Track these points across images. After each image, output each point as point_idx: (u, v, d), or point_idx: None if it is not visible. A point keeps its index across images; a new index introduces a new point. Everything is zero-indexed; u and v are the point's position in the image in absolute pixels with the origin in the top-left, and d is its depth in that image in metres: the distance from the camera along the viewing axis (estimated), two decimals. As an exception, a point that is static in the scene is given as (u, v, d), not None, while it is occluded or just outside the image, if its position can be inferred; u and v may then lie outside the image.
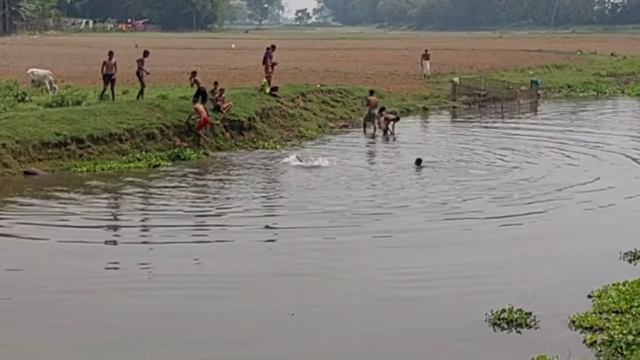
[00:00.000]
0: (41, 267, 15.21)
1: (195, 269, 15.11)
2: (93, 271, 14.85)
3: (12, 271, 14.90)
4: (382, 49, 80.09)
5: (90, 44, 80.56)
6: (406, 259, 15.66)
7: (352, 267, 15.18)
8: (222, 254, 16.24)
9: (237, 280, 14.49)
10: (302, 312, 12.97)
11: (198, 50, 76.94)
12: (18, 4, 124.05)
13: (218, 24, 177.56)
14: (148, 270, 15.03)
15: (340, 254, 15.99)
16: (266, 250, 16.53)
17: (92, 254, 15.94)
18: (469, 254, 16.08)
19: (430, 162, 25.63)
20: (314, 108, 35.19)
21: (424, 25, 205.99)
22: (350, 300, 13.46)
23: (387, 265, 15.23)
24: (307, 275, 14.66)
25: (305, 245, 16.56)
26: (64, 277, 14.46)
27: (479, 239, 17.14)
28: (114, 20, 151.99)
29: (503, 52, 74.95)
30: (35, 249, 16.42)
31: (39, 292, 13.74)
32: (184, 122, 27.84)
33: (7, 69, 49.75)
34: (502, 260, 15.68)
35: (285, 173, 24.40)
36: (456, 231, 17.62)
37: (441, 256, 15.89)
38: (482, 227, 18.00)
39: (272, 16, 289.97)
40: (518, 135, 32.60)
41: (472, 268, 15.03)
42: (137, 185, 22.43)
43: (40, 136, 24.95)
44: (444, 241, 16.91)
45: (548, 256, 15.93)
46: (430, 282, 14.21)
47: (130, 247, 16.82)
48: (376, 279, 14.45)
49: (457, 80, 45.77)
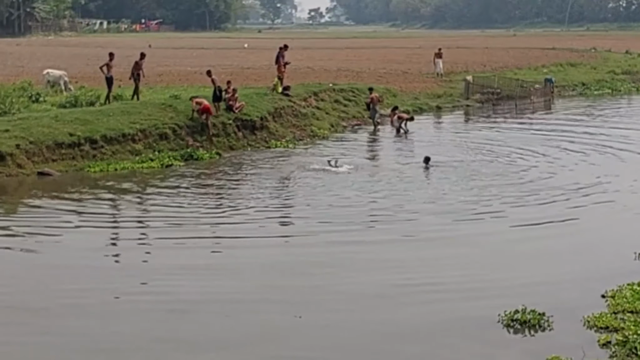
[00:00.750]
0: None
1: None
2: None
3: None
4: (394, 48, 79.98)
5: (104, 44, 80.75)
6: (416, 259, 15.58)
7: (365, 267, 15.12)
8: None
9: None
10: (315, 311, 12.93)
11: (211, 50, 77.05)
12: (33, 5, 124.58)
13: (231, 24, 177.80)
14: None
15: (354, 253, 15.94)
16: (283, 243, 16.70)
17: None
18: (481, 254, 16.00)
19: (442, 161, 25.53)
20: (327, 107, 35.17)
21: (438, 24, 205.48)
22: (363, 299, 13.42)
23: (400, 265, 15.16)
24: (320, 276, 14.62)
25: (319, 247, 16.49)
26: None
27: (492, 240, 17.04)
28: (128, 20, 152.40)
29: (517, 50, 74.68)
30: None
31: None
32: (189, 119, 27.90)
33: (22, 70, 49.97)
34: (515, 260, 15.59)
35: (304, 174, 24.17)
36: (470, 232, 17.49)
37: (453, 257, 15.77)
38: (497, 228, 17.84)
39: (285, 15, 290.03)
40: (533, 134, 32.41)
41: (485, 269, 14.96)
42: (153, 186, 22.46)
43: (54, 137, 25.03)
44: (458, 242, 16.80)
45: (562, 256, 15.85)
46: (441, 283, 14.14)
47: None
48: (388, 279, 14.38)
49: (470, 78, 45.63)
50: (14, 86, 33.44)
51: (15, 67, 52.60)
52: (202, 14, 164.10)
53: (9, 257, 15.96)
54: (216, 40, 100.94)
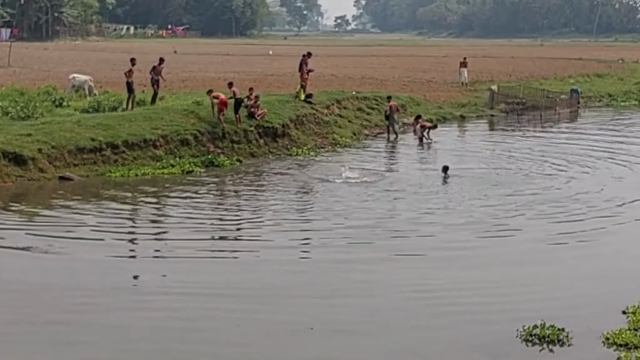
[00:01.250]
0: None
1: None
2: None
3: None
4: (420, 56, 79.82)
5: (130, 49, 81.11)
6: (438, 274, 15.33)
7: (386, 281, 14.87)
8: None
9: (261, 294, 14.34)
10: (329, 325, 12.79)
11: (236, 56, 77.24)
12: (61, 10, 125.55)
13: (257, 30, 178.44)
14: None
15: (376, 268, 15.66)
16: (299, 261, 16.43)
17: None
18: (501, 268, 15.78)
19: (464, 172, 25.32)
20: (349, 115, 35.05)
21: (464, 33, 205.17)
22: (382, 314, 13.24)
23: (420, 280, 14.91)
24: (336, 290, 14.42)
25: (336, 260, 16.22)
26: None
27: (513, 252, 16.77)
28: (155, 26, 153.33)
29: (543, 60, 74.29)
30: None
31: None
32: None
33: (48, 74, 50.31)
34: (535, 274, 15.32)
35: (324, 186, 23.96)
36: (492, 246, 17.21)
37: (473, 271, 15.57)
38: (517, 243, 17.51)
39: (311, 23, 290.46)
40: (558, 145, 32.00)
41: (504, 283, 14.76)
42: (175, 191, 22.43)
43: (76, 141, 25.08)
44: (478, 256, 16.52)
45: (582, 271, 15.61)
46: (460, 297, 13.95)
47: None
48: (408, 294, 14.15)
49: (495, 88, 45.35)
50: (38, 90, 33.65)
51: (41, 72, 52.95)
52: (228, 20, 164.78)
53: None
54: (241, 47, 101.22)
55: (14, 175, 23.08)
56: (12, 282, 14.58)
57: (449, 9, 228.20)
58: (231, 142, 28.09)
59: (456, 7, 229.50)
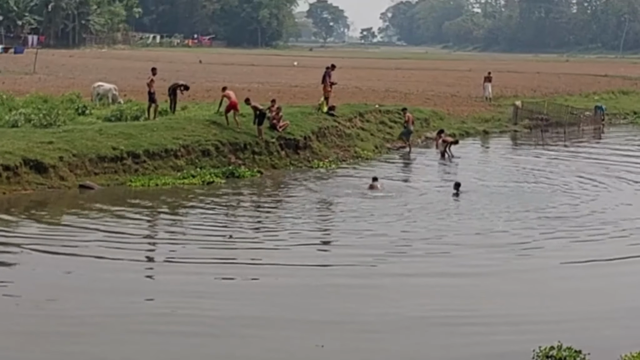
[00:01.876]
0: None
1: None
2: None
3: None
4: (444, 70, 79.61)
5: (156, 58, 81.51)
6: (452, 292, 15.18)
7: (404, 303, 14.62)
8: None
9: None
10: (352, 345, 12.66)
11: (261, 67, 77.38)
12: (88, 17, 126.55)
13: (283, 41, 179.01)
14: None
15: (394, 289, 15.44)
16: (312, 273, 16.28)
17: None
18: (516, 288, 15.56)
19: (486, 188, 25.17)
20: (372, 128, 34.94)
21: (490, 47, 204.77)
22: (400, 333, 13.10)
23: (438, 301, 14.70)
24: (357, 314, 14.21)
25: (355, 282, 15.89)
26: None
27: (531, 275, 16.44)
28: (181, 35, 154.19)
29: (569, 75, 73.85)
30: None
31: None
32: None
33: (73, 81, 50.64)
34: (553, 295, 15.13)
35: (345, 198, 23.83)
36: (511, 267, 16.93)
37: (487, 290, 15.41)
38: (537, 263, 17.21)
39: (337, 34, 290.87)
40: (581, 162, 31.66)
41: (519, 303, 14.57)
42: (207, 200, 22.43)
43: (97, 150, 25.14)
44: (495, 276, 16.32)
45: (599, 291, 15.38)
46: (475, 315, 13.81)
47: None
48: (422, 313, 13.99)
49: (519, 103, 45.09)
50: (62, 98, 33.78)
51: (66, 79, 53.32)
52: (254, 31, 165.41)
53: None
54: (266, 58, 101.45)
55: (34, 182, 23.16)
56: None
57: (475, 23, 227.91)
58: (252, 154, 28.06)
59: (482, 21, 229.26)
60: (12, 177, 22.86)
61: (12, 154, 23.30)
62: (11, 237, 18.08)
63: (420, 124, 37.95)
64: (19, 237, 18.14)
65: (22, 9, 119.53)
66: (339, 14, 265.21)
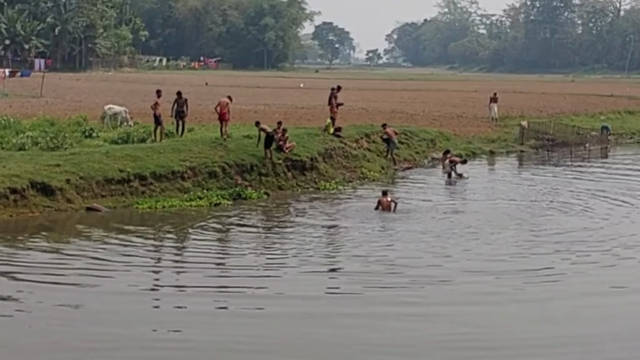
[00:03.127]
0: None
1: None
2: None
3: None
4: (450, 91, 79.68)
5: (162, 81, 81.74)
6: (466, 319, 14.92)
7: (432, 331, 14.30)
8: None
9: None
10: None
11: (267, 89, 77.54)
12: (94, 41, 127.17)
13: (289, 63, 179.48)
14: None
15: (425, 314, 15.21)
16: (319, 303, 16.13)
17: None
18: (539, 315, 15.21)
19: (493, 205, 25.09)
20: (378, 149, 34.95)
21: (496, 68, 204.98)
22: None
23: (447, 321, 14.62)
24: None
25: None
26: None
27: (555, 302, 16.07)
28: (187, 58, 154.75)
29: (574, 96, 73.86)
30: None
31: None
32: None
33: (80, 104, 50.79)
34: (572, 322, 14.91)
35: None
36: (531, 294, 16.44)
37: (503, 315, 15.24)
38: (556, 290, 16.75)
39: (343, 56, 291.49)
40: (591, 183, 31.35)
41: (541, 330, 14.34)
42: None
43: (104, 172, 25.18)
44: (510, 300, 16.08)
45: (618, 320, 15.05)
46: (492, 340, 13.66)
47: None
48: (436, 339, 13.84)
49: (525, 124, 45.09)
50: (69, 121, 33.90)
51: (73, 102, 53.48)
52: (260, 53, 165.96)
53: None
54: (273, 79, 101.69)
55: (41, 205, 23.20)
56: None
57: (481, 44, 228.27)
58: (259, 175, 28.08)
59: (488, 42, 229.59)
60: (20, 200, 22.91)
61: (19, 177, 23.36)
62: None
63: (427, 145, 37.99)
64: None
65: (29, 32, 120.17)
66: (344, 36, 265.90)
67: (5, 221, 21.84)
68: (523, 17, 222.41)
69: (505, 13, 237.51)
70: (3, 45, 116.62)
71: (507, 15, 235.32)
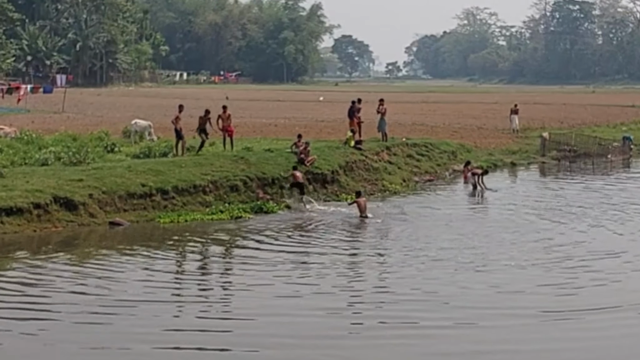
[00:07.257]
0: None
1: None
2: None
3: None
4: (470, 103, 79.64)
5: (182, 95, 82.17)
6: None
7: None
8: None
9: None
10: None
11: (287, 102, 77.78)
12: (115, 56, 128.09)
13: (309, 77, 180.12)
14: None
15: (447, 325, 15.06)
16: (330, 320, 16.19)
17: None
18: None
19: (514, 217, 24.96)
20: (399, 162, 34.92)
21: (516, 79, 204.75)
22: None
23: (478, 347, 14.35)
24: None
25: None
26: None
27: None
28: (207, 72, 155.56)
29: (595, 107, 73.62)
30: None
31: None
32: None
33: (101, 119, 51.12)
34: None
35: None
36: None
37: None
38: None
39: (363, 69, 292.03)
40: (615, 195, 30.90)
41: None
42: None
43: (127, 187, 25.25)
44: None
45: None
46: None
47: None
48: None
49: (546, 135, 44.95)
50: (90, 136, 34.10)
51: (94, 117, 53.86)
52: (279, 67, 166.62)
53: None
54: (292, 93, 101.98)
55: (64, 220, 23.28)
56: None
57: (501, 56, 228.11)
58: (280, 188, 28.10)
59: (507, 53, 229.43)
60: (43, 214, 23.01)
61: (42, 192, 23.47)
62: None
63: (448, 157, 37.92)
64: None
65: (50, 48, 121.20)
66: (364, 49, 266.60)
67: (29, 236, 21.97)
68: (543, 28, 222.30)
69: (524, 24, 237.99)
70: (25, 61, 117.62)
71: (527, 26, 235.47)
